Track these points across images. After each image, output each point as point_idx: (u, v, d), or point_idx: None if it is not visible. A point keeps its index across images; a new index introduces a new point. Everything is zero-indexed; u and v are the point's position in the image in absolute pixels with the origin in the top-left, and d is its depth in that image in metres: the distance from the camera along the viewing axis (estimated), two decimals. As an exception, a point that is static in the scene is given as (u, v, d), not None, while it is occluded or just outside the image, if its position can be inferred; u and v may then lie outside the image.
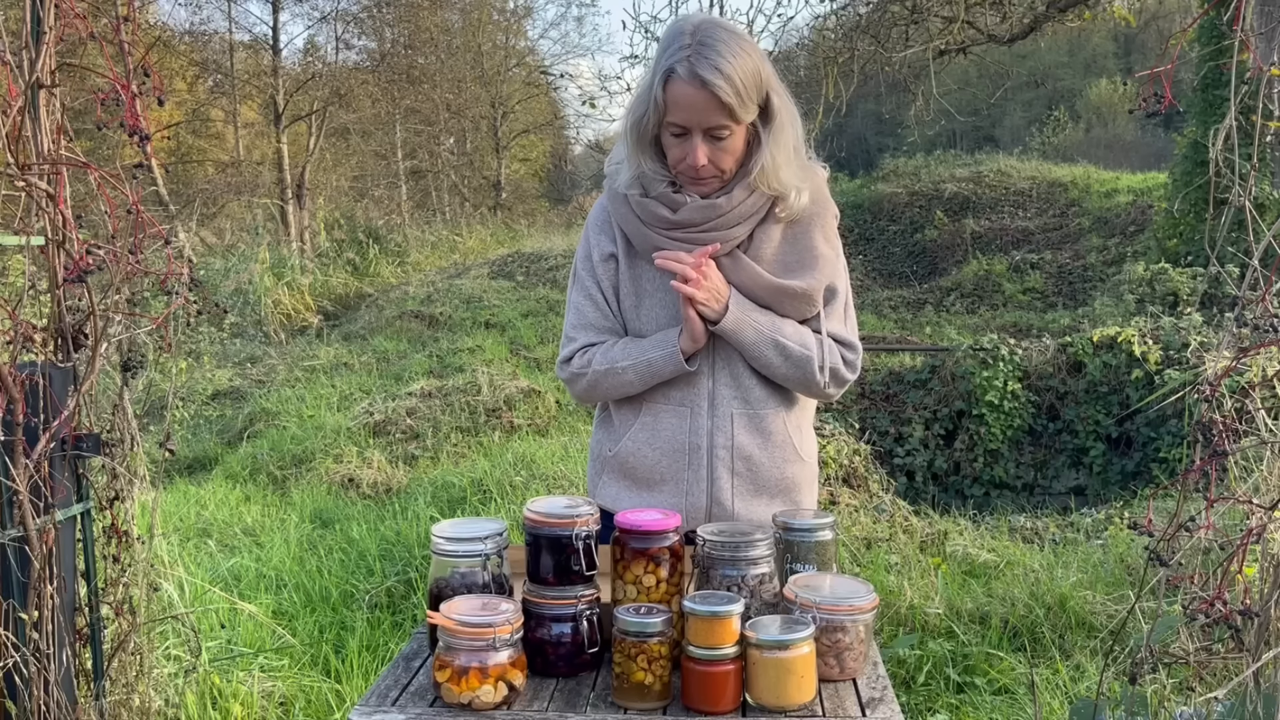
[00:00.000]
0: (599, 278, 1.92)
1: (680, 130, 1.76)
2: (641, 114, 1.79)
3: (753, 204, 1.84)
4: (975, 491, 7.70)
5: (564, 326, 1.98)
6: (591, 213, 1.99)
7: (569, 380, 1.93)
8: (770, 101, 1.79)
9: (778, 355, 1.84)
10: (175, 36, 18.06)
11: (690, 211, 1.82)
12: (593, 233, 1.95)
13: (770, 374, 1.87)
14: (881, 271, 16.40)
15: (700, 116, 1.73)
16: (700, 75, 1.69)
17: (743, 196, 1.82)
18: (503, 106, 25.40)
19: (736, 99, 1.71)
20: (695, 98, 1.71)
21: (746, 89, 1.72)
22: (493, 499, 5.53)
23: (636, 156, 1.84)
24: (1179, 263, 10.76)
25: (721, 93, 1.70)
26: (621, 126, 1.88)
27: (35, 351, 2.12)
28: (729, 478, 1.88)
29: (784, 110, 1.81)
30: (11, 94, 2.10)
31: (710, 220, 1.82)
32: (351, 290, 14.58)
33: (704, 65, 1.69)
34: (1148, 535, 1.91)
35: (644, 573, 1.52)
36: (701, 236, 1.83)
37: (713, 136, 1.76)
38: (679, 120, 1.75)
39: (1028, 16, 9.68)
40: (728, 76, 1.70)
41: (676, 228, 1.84)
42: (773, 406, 1.90)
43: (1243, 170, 1.95)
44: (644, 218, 1.86)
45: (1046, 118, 27.46)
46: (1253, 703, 1.83)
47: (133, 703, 2.40)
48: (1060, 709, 3.22)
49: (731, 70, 1.70)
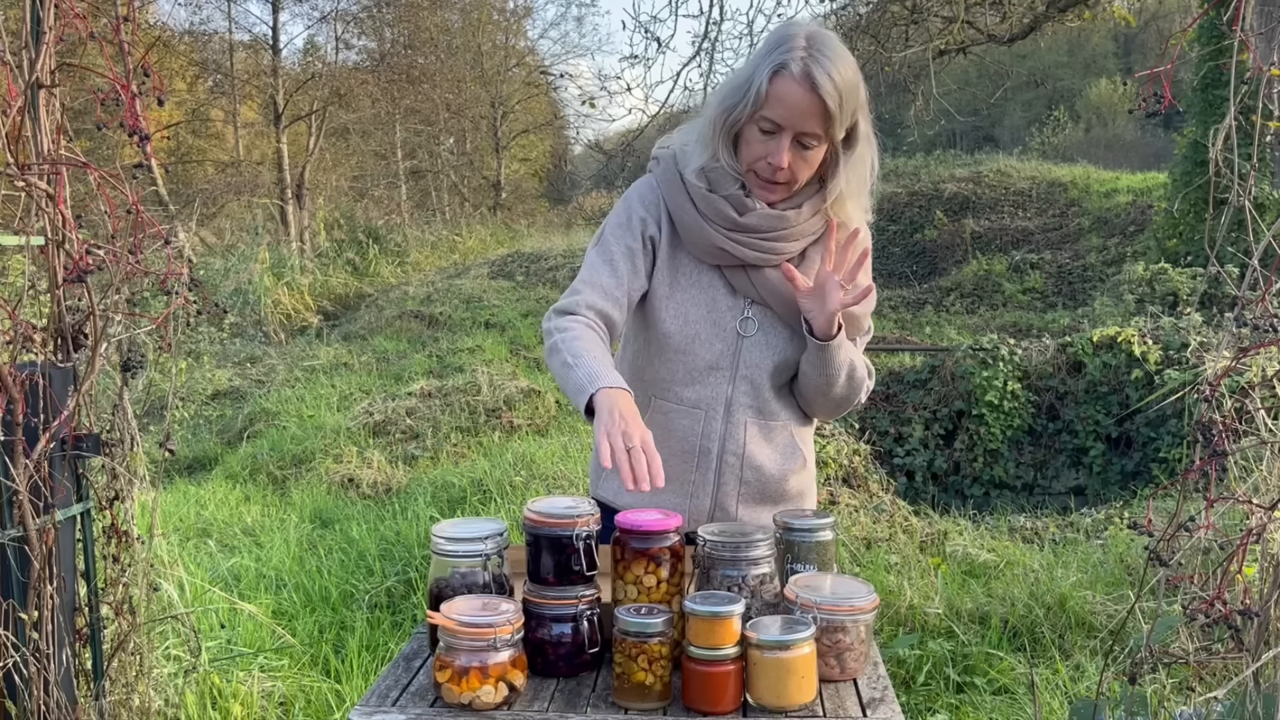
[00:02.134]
0: (631, 248, 1.85)
1: (772, 128, 1.73)
2: (735, 102, 1.75)
3: (814, 224, 1.83)
4: (975, 491, 7.70)
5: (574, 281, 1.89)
6: (636, 187, 1.93)
7: (546, 331, 1.83)
8: (858, 127, 1.78)
9: (847, 377, 1.83)
10: (175, 36, 18.06)
11: (757, 218, 1.80)
12: (638, 206, 1.89)
13: (826, 393, 1.85)
14: (881, 271, 16.38)
15: (798, 118, 1.71)
16: (813, 76, 1.67)
17: (809, 214, 1.81)
18: (503, 106, 25.41)
19: (838, 110, 1.70)
20: (801, 99, 1.69)
21: (847, 104, 1.71)
22: (493, 499, 5.52)
23: (714, 145, 1.80)
24: (1179, 263, 10.76)
25: (829, 98, 1.68)
26: (706, 112, 1.84)
27: (35, 351, 2.12)
28: (736, 484, 1.87)
29: (867, 140, 1.80)
30: (11, 94, 2.10)
31: (776, 230, 1.80)
32: (351, 290, 14.58)
33: (818, 68, 1.68)
34: (1148, 535, 1.91)
35: (644, 573, 1.52)
36: (762, 244, 1.81)
37: (800, 144, 1.74)
38: (775, 117, 1.72)
39: (1028, 16, 9.68)
40: (836, 85, 1.68)
41: (740, 230, 1.81)
42: (785, 417, 1.89)
43: (1243, 170, 1.95)
44: (707, 212, 1.82)
45: (1046, 118, 27.47)
46: (1253, 703, 1.83)
47: (133, 703, 2.40)
48: (1060, 709, 3.22)
49: (841, 81, 1.69)
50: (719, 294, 1.86)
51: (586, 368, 1.67)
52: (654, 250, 1.88)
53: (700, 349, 1.85)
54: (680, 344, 1.86)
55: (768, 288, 1.84)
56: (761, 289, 1.84)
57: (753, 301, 1.86)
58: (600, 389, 1.62)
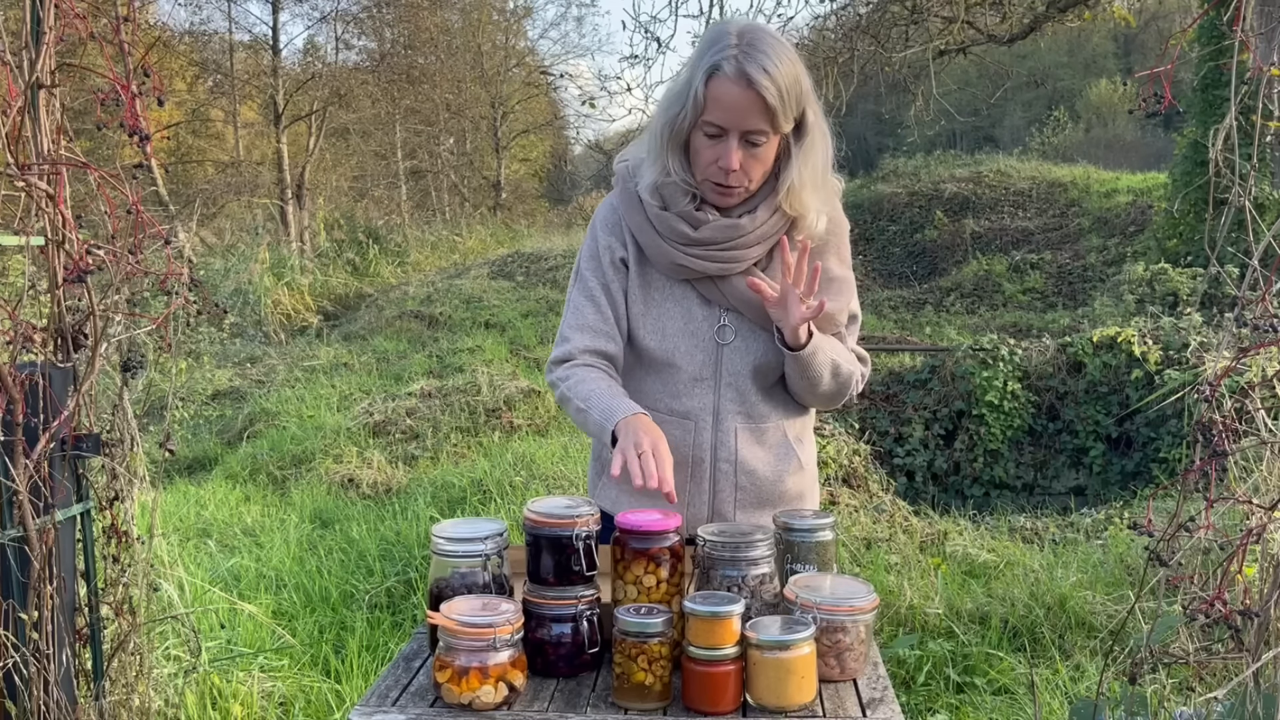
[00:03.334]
0: (606, 279, 1.87)
1: (717, 131, 1.72)
2: (676, 112, 1.74)
3: (773, 225, 1.81)
4: (975, 491, 7.70)
5: (560, 325, 1.92)
6: (599, 211, 1.94)
7: (551, 385, 1.89)
8: (805, 116, 1.76)
9: (831, 376, 1.82)
10: (175, 36, 18.06)
11: (711, 230, 1.79)
12: (601, 233, 1.90)
13: (812, 392, 1.84)
14: (881, 271, 16.40)
15: (740, 118, 1.69)
16: (747, 74, 1.66)
17: (765, 216, 1.80)
18: (503, 106, 25.41)
19: (780, 103, 1.68)
20: (739, 98, 1.67)
21: (789, 96, 1.69)
22: (492, 499, 5.52)
23: (664, 157, 1.79)
24: (1179, 263, 10.77)
25: (767, 94, 1.66)
26: (652, 125, 1.83)
27: (35, 351, 2.12)
28: (732, 491, 1.87)
29: (817, 128, 1.78)
30: (11, 94, 2.10)
31: (731, 240, 1.79)
32: (351, 290, 14.58)
33: (752, 65, 1.66)
34: (1148, 535, 1.91)
35: (644, 573, 1.52)
36: (721, 254, 1.79)
37: (748, 142, 1.72)
38: (717, 120, 1.70)
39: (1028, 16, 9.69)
40: (774, 79, 1.67)
41: (696, 245, 1.79)
42: (775, 419, 1.89)
43: (1243, 170, 1.95)
44: (663, 231, 1.81)
45: (1046, 118, 27.46)
46: (1253, 703, 1.83)
47: (133, 703, 2.40)
48: (1060, 709, 3.22)
49: (778, 74, 1.67)
50: (693, 305, 1.85)
51: (600, 407, 1.73)
52: (627, 270, 1.88)
53: (682, 361, 1.85)
54: (662, 358, 1.86)
55: (737, 295, 1.83)
56: (732, 297, 1.83)
57: (727, 309, 1.85)
58: (618, 422, 1.68)
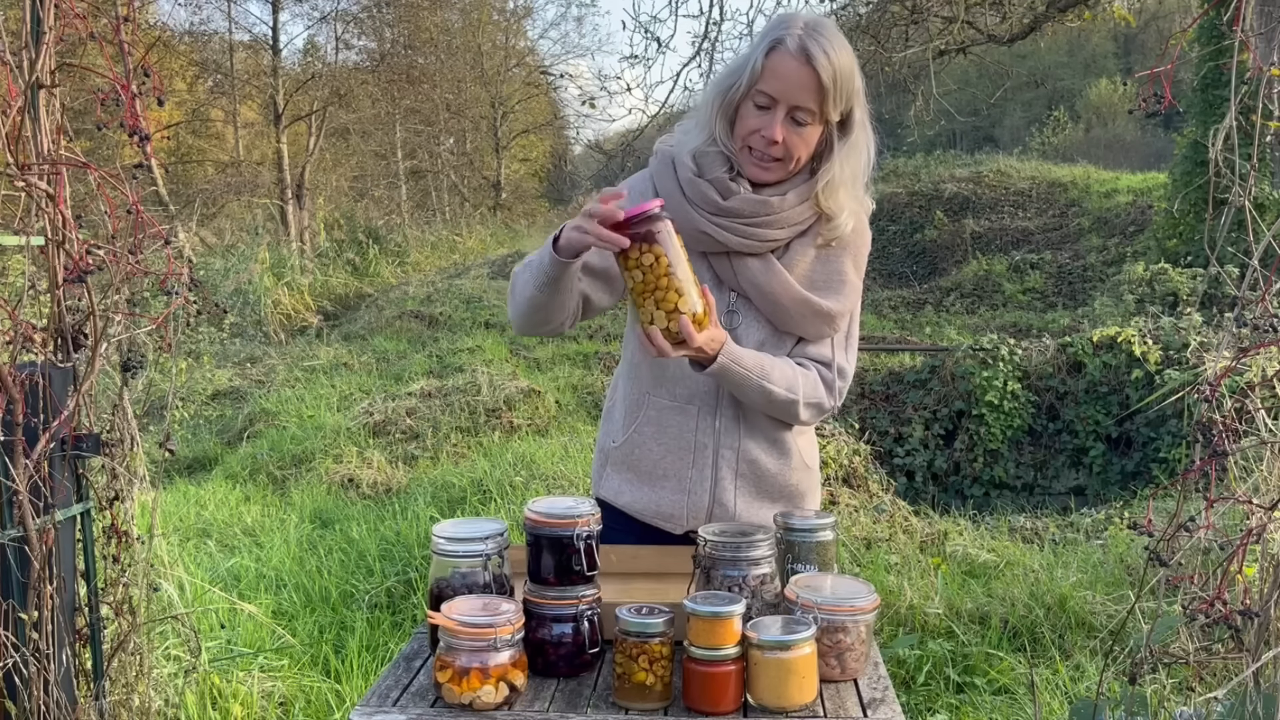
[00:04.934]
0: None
1: (767, 102, 1.75)
2: (733, 81, 1.79)
3: (801, 213, 1.83)
4: (975, 491, 7.70)
5: None
6: (632, 178, 1.97)
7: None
8: (853, 114, 1.80)
9: (762, 399, 1.81)
10: (175, 36, 18.06)
11: (740, 201, 1.81)
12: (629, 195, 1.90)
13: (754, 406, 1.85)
14: (881, 271, 16.38)
15: (793, 92, 1.73)
16: (808, 49, 1.72)
17: (795, 202, 1.82)
18: (503, 106, 25.42)
19: (833, 86, 1.73)
20: (796, 72, 1.72)
21: (842, 83, 1.74)
22: (493, 499, 5.52)
23: (711, 124, 1.83)
24: (1179, 263, 10.77)
25: (824, 72, 1.71)
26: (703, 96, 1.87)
27: (35, 351, 2.12)
28: (733, 479, 1.87)
29: (862, 129, 1.82)
30: (11, 94, 2.10)
31: (759, 215, 1.81)
32: (351, 290, 14.57)
33: (813, 44, 1.72)
34: (1148, 535, 1.91)
35: (642, 254, 1.58)
36: (745, 229, 1.81)
37: (794, 120, 1.76)
38: (770, 90, 1.74)
39: (1028, 16, 9.68)
40: (831, 62, 1.72)
41: (723, 214, 1.82)
42: None
43: (1243, 170, 1.95)
44: (692, 196, 1.83)
45: (1046, 118, 27.48)
46: (1253, 703, 1.83)
47: (133, 703, 2.40)
48: (1060, 709, 3.22)
49: (836, 59, 1.73)
50: (706, 286, 1.86)
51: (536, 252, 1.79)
52: None
53: None
54: None
55: (748, 277, 1.84)
56: (743, 278, 1.85)
57: (737, 295, 1.87)
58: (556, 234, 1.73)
